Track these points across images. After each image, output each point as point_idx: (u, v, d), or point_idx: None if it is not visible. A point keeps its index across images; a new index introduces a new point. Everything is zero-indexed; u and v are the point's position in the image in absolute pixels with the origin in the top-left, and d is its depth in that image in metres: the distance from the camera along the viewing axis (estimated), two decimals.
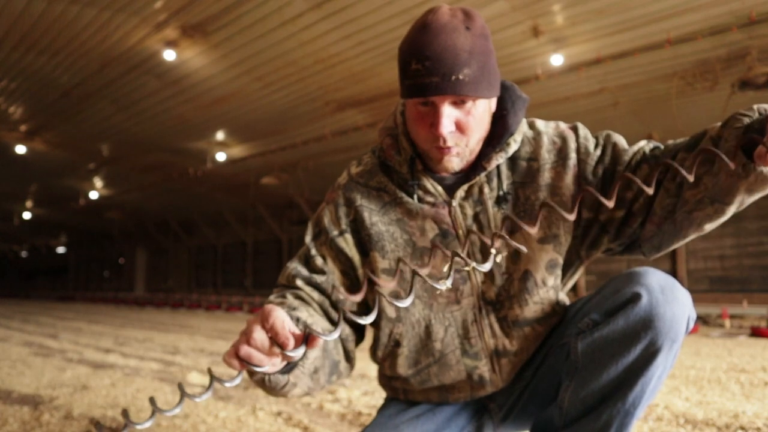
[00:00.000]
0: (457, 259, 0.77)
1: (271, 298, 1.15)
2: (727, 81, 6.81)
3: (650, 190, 0.81)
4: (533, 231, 0.80)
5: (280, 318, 0.82)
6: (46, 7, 6.43)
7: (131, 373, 3.67)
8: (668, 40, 6.19)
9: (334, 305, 1.17)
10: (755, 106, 0.94)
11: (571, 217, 0.80)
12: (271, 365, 0.84)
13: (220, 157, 12.25)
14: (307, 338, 0.81)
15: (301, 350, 0.81)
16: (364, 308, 1.22)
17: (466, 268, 1.11)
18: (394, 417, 1.23)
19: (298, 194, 14.41)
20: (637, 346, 0.96)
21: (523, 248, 0.81)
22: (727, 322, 7.44)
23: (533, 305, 1.12)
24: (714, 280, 10.52)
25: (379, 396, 2.78)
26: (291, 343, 0.81)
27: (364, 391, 2.90)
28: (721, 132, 0.97)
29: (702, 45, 6.31)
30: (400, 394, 1.26)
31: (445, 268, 1.03)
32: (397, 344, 1.17)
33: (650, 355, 0.96)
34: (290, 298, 1.13)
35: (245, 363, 0.81)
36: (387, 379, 1.27)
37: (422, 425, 1.19)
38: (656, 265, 1.14)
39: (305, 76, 7.99)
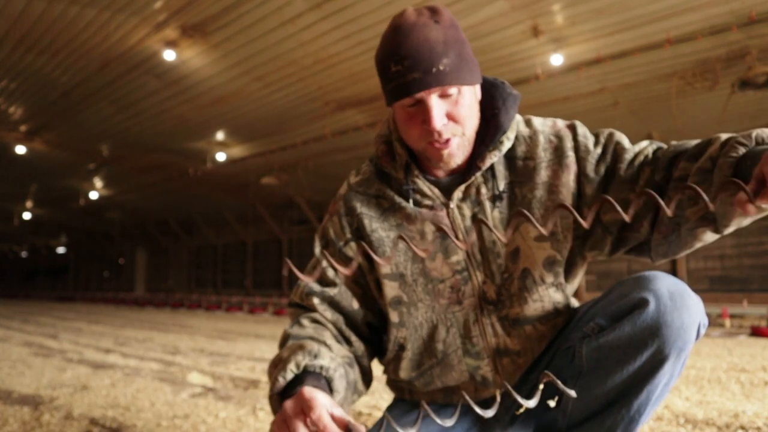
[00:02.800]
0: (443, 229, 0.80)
1: (288, 329, 1.14)
2: (727, 81, 6.82)
3: (669, 212, 0.75)
4: (545, 231, 0.79)
5: (325, 412, 0.85)
6: (46, 7, 6.43)
7: (131, 373, 3.67)
8: (668, 40, 6.19)
9: (349, 322, 1.18)
10: (753, 133, 0.90)
11: (586, 224, 0.78)
12: None
13: (220, 157, 12.25)
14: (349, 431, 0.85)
15: None
16: (380, 319, 1.23)
17: (461, 246, 1.10)
18: (399, 418, 1.23)
19: (298, 194, 14.41)
20: (643, 353, 0.95)
21: (502, 238, 0.82)
22: (727, 322, 7.43)
23: (533, 303, 1.11)
24: (714, 280, 10.52)
25: (379, 396, 2.78)
26: None
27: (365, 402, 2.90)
28: (718, 153, 0.94)
29: (702, 45, 6.31)
30: (405, 395, 1.26)
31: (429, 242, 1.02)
32: (402, 348, 1.17)
33: (657, 363, 0.94)
34: (308, 330, 1.12)
35: None
36: (392, 380, 1.27)
37: (427, 427, 1.18)
38: (655, 265, 1.13)
39: (305, 76, 7.99)
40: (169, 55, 7.40)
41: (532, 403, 0.78)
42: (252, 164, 12.55)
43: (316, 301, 1.18)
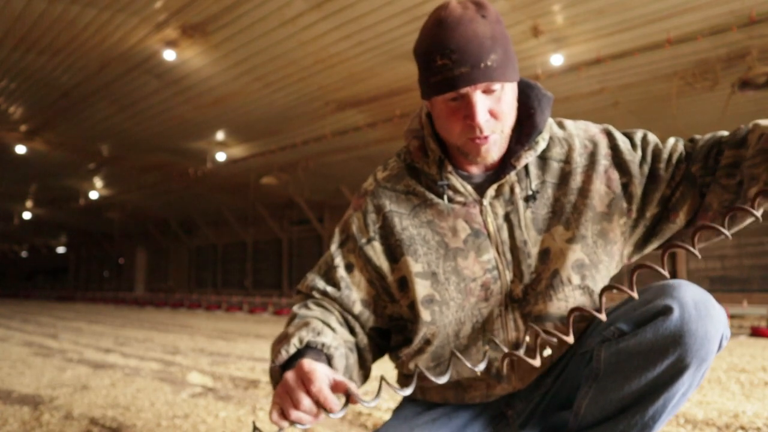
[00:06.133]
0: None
1: (296, 309, 1.15)
2: (727, 81, 6.81)
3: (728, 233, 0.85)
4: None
5: (325, 384, 0.89)
6: (46, 7, 6.43)
7: (131, 373, 3.67)
8: (668, 40, 6.19)
9: (355, 317, 1.18)
10: None
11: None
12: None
13: (220, 157, 12.25)
14: (348, 397, 0.89)
15: (344, 411, 0.88)
16: (389, 322, 1.22)
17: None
18: (409, 420, 1.21)
19: (298, 194, 14.42)
20: (664, 361, 0.93)
21: (570, 339, 0.86)
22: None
23: (557, 302, 1.10)
24: (714, 280, 10.53)
25: (380, 397, 2.78)
26: (338, 408, 0.88)
27: (364, 391, 2.90)
28: None
29: (702, 45, 6.32)
30: (417, 393, 1.25)
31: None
32: (428, 342, 1.17)
33: (677, 371, 0.93)
34: (315, 312, 1.14)
35: (293, 423, 0.90)
36: (405, 377, 1.26)
37: (437, 430, 1.17)
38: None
39: (305, 76, 7.99)
40: (169, 55, 7.40)
41: (536, 363, 0.84)
42: (252, 164, 12.55)
43: (317, 296, 1.18)
